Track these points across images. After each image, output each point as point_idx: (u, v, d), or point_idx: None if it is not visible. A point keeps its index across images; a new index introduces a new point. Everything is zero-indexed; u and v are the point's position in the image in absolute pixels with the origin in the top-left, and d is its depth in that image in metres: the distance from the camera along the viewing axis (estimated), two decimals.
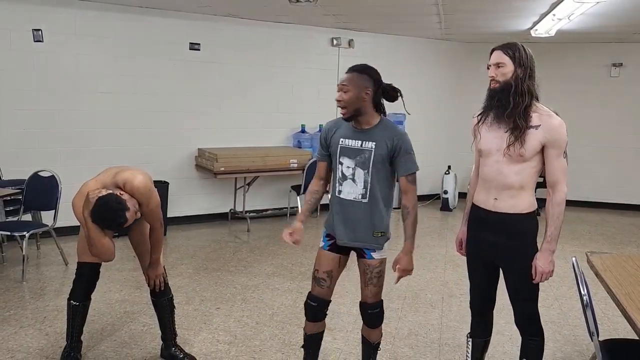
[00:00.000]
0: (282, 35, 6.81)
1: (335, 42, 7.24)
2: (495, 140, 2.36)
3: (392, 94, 2.56)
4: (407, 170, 2.48)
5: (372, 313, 2.64)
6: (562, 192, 2.31)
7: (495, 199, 2.38)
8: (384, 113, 2.58)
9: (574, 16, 5.39)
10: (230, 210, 6.78)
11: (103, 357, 3.19)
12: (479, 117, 2.44)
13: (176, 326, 3.20)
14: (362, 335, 2.76)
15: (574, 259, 2.52)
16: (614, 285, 2.40)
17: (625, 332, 3.65)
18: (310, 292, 2.68)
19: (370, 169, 2.49)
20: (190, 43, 6.28)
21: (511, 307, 2.49)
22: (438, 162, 8.32)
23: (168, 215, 5.92)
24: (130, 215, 2.67)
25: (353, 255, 2.72)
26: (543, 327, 2.48)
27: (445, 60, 8.27)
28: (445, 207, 7.86)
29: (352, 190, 2.53)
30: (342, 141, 2.54)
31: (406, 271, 2.51)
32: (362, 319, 2.71)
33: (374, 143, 2.48)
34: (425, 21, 6.48)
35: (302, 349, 2.80)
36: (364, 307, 2.66)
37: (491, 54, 2.38)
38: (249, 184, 6.51)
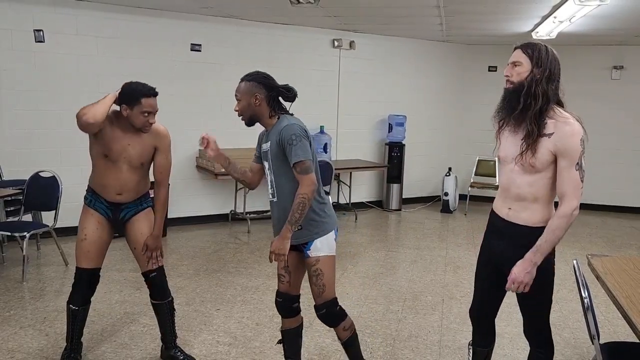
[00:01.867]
0: (283, 36, 6.82)
1: (336, 43, 7.25)
2: (512, 147, 2.22)
3: (288, 94, 2.58)
4: (291, 162, 2.45)
5: (319, 315, 2.66)
6: (568, 207, 2.10)
7: (509, 208, 2.27)
8: (285, 112, 2.62)
9: (575, 19, 5.40)
10: (231, 211, 6.78)
11: (103, 359, 3.18)
12: (500, 123, 2.31)
13: (176, 327, 3.19)
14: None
15: (575, 261, 2.51)
16: (615, 288, 2.39)
17: (625, 335, 3.64)
18: (277, 290, 2.78)
19: (272, 168, 2.57)
20: (192, 44, 6.29)
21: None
22: (439, 164, 8.33)
23: (169, 216, 5.91)
24: (154, 111, 2.78)
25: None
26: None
27: (447, 62, 8.28)
28: (445, 209, 7.86)
29: (269, 191, 2.64)
30: (262, 147, 2.64)
31: (273, 253, 2.45)
32: None
33: (269, 142, 2.56)
34: (427, 23, 6.48)
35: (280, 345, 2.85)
36: (314, 308, 2.70)
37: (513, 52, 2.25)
38: (247, 187, 6.50)
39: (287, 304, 2.73)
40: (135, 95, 2.74)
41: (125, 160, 2.83)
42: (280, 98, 2.59)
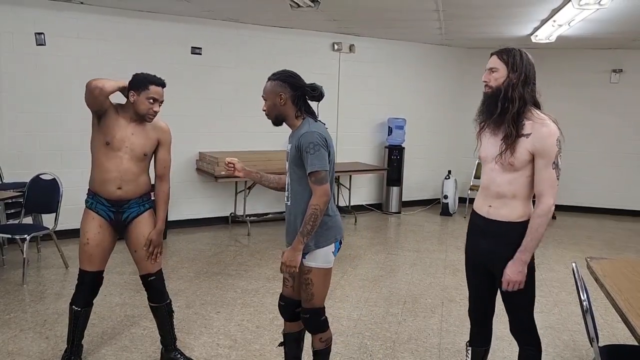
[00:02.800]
0: (283, 40, 6.84)
1: (336, 47, 7.27)
2: (492, 148, 2.34)
3: (313, 93, 2.53)
4: (307, 170, 2.42)
5: (303, 317, 2.65)
6: (546, 205, 2.22)
7: (490, 206, 2.37)
8: (312, 114, 2.58)
9: (574, 22, 5.42)
10: (231, 214, 6.79)
11: None
12: (481, 124, 2.42)
13: (176, 330, 3.20)
14: None
15: (574, 264, 2.53)
16: (614, 291, 2.40)
17: (624, 337, 3.65)
18: (280, 293, 2.77)
19: (289, 171, 2.55)
20: (192, 47, 6.31)
21: None
22: (438, 167, 8.34)
23: (169, 219, 5.92)
24: (160, 99, 2.86)
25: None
26: (543, 332, 2.48)
27: (446, 65, 8.30)
28: (445, 212, 7.87)
29: (285, 193, 2.62)
30: (287, 147, 2.61)
31: (285, 265, 2.45)
32: None
33: (290, 145, 2.53)
34: (426, 27, 6.51)
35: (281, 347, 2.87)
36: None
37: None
38: (249, 188, 6.52)
39: (290, 308, 2.72)
40: (144, 82, 2.83)
41: (127, 150, 2.85)
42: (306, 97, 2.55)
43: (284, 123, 2.57)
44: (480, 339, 2.63)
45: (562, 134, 2.23)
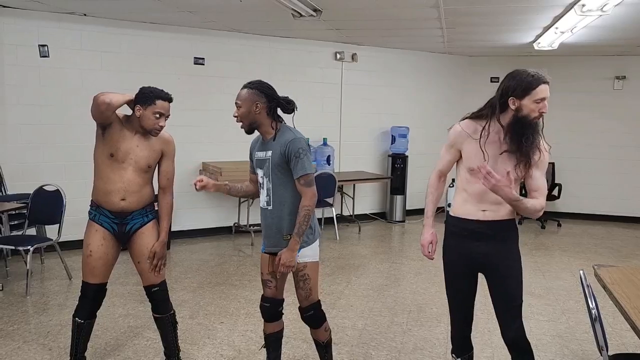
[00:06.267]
0: (285, 49, 6.86)
1: (338, 56, 7.29)
2: (502, 165, 2.42)
3: (287, 106, 2.70)
4: (296, 174, 2.58)
5: (306, 316, 2.82)
6: (540, 204, 2.42)
7: (485, 210, 2.47)
8: (280, 121, 2.72)
9: (576, 29, 5.42)
10: (234, 224, 6.77)
11: None
12: (484, 133, 2.49)
13: (180, 341, 3.18)
14: (312, 337, 2.95)
15: (581, 272, 2.50)
16: (622, 299, 2.37)
17: (634, 346, 3.61)
18: (262, 295, 2.87)
19: (270, 177, 2.66)
20: (195, 57, 6.33)
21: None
22: None
23: (172, 229, 5.91)
24: (166, 114, 2.86)
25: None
26: (551, 341, 2.47)
27: (448, 73, 8.30)
28: None
29: (263, 198, 2.73)
30: (256, 154, 2.74)
31: (284, 265, 2.60)
32: None
33: (271, 151, 2.65)
34: (428, 35, 6.51)
35: (264, 349, 2.98)
36: (299, 310, 2.83)
37: (537, 87, 2.27)
38: (252, 198, 6.50)
39: (274, 309, 2.85)
40: (151, 96, 2.84)
41: (131, 161, 2.85)
42: (279, 109, 2.70)
43: (255, 130, 2.70)
44: (465, 346, 2.69)
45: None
